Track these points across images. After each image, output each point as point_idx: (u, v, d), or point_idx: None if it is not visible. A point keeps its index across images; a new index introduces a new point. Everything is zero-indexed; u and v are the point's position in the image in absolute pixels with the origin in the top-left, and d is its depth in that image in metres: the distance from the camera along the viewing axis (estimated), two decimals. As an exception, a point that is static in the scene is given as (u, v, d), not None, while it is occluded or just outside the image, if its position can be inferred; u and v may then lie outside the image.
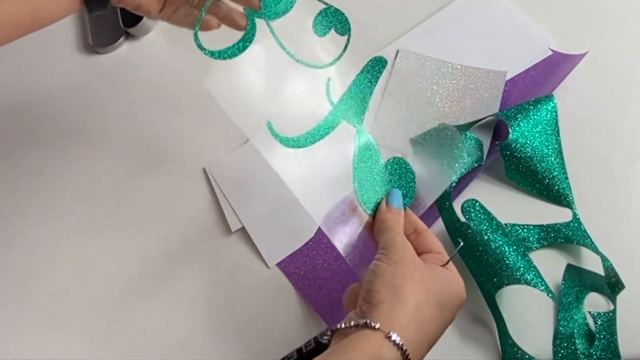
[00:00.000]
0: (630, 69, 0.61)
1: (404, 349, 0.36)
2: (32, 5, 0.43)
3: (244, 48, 0.48)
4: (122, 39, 0.67)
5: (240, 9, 0.48)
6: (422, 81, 0.61)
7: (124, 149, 0.60)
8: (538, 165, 0.53)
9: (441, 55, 0.63)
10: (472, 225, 0.49)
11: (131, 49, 0.67)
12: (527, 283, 0.45)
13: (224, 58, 0.47)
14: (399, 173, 0.49)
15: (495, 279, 0.47)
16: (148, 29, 0.68)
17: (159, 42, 0.67)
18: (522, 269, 0.46)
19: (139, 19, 0.66)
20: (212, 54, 0.46)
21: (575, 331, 0.47)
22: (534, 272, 0.46)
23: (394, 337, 0.36)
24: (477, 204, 0.50)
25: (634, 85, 0.60)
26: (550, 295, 0.45)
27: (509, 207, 0.53)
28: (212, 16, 0.48)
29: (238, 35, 0.47)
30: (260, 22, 0.48)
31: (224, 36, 0.47)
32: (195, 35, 0.46)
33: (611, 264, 0.48)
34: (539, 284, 0.46)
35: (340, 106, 0.49)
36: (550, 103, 0.55)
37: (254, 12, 0.48)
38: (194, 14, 0.47)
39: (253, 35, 0.48)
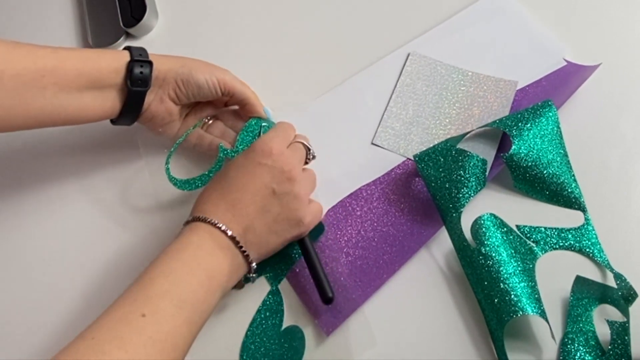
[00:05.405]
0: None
1: (226, 231, 0.44)
2: (78, 103, 0.49)
3: (206, 181, 0.53)
4: (122, 39, 0.68)
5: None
6: (431, 86, 0.61)
7: (130, 147, 0.61)
8: (544, 171, 0.53)
9: (453, 60, 0.62)
10: (482, 250, 0.48)
11: (131, 49, 0.68)
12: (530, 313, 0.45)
13: (188, 189, 0.53)
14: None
15: (506, 309, 0.45)
16: (148, 29, 0.69)
17: (159, 42, 0.68)
18: (528, 305, 0.45)
19: (139, 19, 0.67)
20: (176, 183, 0.53)
21: (584, 343, 0.47)
22: (539, 307, 0.46)
23: (218, 224, 0.44)
24: (487, 220, 0.49)
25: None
26: (551, 332, 0.45)
27: (521, 215, 0.53)
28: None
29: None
30: None
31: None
32: (167, 167, 0.54)
33: (625, 280, 0.48)
34: (544, 319, 0.45)
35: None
36: (551, 111, 0.54)
37: (227, 150, 0.53)
38: (202, 136, 0.56)
39: (218, 169, 0.53)
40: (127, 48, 0.51)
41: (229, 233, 0.45)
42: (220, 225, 0.45)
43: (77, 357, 0.36)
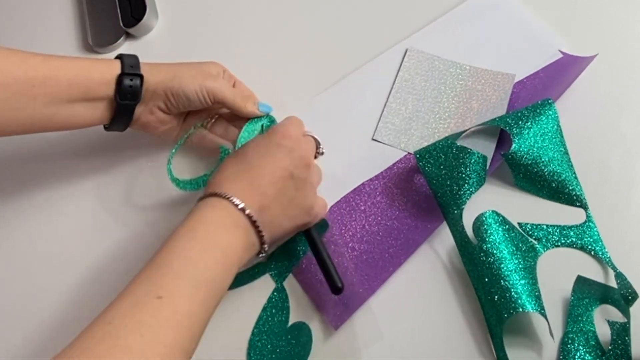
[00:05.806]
0: (640, 72, 0.60)
1: (245, 210, 0.43)
2: (68, 113, 0.49)
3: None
4: (122, 38, 0.68)
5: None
6: (430, 80, 0.61)
7: (133, 147, 0.61)
8: (545, 168, 0.53)
9: (450, 55, 0.63)
10: (483, 247, 0.48)
11: (131, 48, 0.68)
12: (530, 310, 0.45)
13: (190, 189, 0.54)
14: None
15: (505, 306, 0.46)
16: (148, 29, 0.69)
17: (159, 42, 0.68)
18: (528, 302, 0.46)
19: (139, 19, 0.67)
20: (178, 184, 0.54)
21: (584, 343, 0.47)
22: (539, 304, 0.46)
23: (235, 200, 0.44)
24: (490, 217, 0.50)
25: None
26: (549, 330, 0.46)
27: (522, 212, 0.53)
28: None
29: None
30: None
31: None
32: (169, 167, 0.54)
33: (625, 279, 0.48)
34: (544, 317, 0.46)
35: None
36: (551, 109, 0.54)
37: (228, 150, 0.54)
38: (203, 136, 0.57)
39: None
40: (121, 57, 0.51)
41: (247, 211, 0.44)
42: (237, 203, 0.44)
43: (94, 343, 0.36)
